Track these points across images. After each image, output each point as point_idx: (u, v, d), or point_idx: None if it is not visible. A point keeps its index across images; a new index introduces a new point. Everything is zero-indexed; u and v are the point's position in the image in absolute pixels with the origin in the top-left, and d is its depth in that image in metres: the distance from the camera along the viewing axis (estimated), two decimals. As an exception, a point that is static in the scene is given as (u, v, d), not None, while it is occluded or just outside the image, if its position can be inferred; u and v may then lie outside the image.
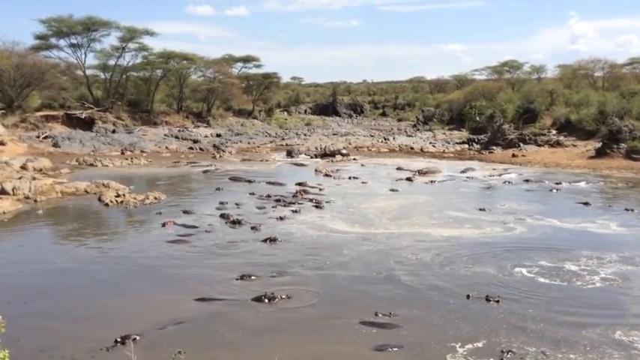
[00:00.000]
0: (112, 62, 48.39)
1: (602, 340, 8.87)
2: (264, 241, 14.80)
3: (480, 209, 18.94)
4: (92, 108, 44.29)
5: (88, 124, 41.96)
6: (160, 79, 50.22)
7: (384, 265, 12.79)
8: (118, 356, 7.92)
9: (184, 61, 51.62)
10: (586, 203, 20.09)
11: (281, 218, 17.54)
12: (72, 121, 41.84)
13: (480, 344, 8.72)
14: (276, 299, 10.52)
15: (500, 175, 27.57)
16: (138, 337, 8.78)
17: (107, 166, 30.25)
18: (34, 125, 39.37)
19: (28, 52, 44.43)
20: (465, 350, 8.51)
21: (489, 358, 8.26)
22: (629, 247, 14.38)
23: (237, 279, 11.82)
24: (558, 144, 36.98)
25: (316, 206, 19.53)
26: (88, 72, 48.60)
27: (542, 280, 11.81)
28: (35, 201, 20.01)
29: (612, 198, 21.82)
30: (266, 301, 10.46)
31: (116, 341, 8.62)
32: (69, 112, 42.80)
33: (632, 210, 19.07)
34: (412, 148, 40.91)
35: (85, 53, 47.14)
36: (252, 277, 11.90)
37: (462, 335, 9.02)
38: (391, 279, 11.86)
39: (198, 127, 48.75)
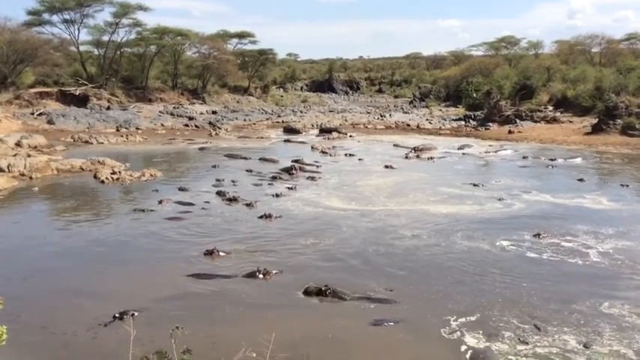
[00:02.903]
0: (105, 38, 48.03)
1: (594, 313, 9.00)
2: (261, 217, 14.84)
3: (476, 186, 19.00)
4: (86, 84, 43.96)
5: (82, 101, 41.69)
6: (154, 56, 49.76)
7: (382, 241, 12.86)
8: (118, 332, 7.99)
9: (178, 37, 51.10)
10: (582, 179, 20.18)
11: (277, 195, 17.57)
12: (66, 98, 41.56)
13: (473, 318, 8.83)
14: (270, 274, 10.60)
15: (496, 151, 27.60)
16: (136, 313, 8.85)
17: (102, 143, 30.12)
18: (28, 102, 39.08)
19: (20, 28, 43.93)
20: (458, 324, 8.62)
21: (482, 331, 8.39)
22: (624, 222, 14.50)
23: (233, 255, 11.89)
24: (554, 120, 36.97)
25: (313, 183, 19.56)
26: (82, 48, 48.20)
27: (536, 255, 11.92)
28: (31, 178, 19.97)
29: (608, 174, 21.91)
30: (260, 276, 10.54)
31: (114, 317, 8.69)
32: (63, 88, 42.48)
33: (628, 186, 19.18)
34: (408, 125, 40.83)
35: (78, 29, 46.77)
36: (248, 253, 11.96)
37: (457, 309, 9.13)
38: (389, 255, 11.94)
39: (194, 104, 48.49)
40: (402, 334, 8.37)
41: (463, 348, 7.94)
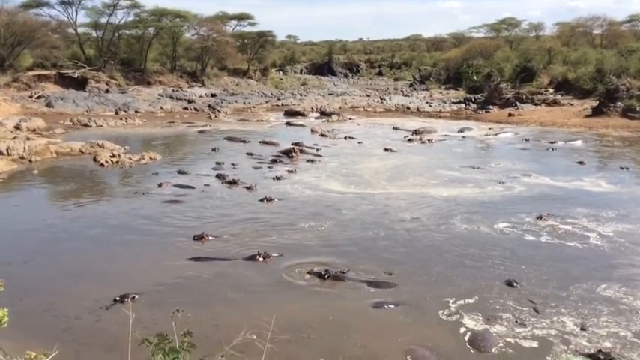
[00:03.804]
0: (103, 20, 47.65)
1: (592, 295, 9.06)
2: (262, 200, 14.87)
3: (476, 169, 19.01)
4: (85, 67, 43.72)
5: (80, 84, 41.49)
6: (152, 38, 49.39)
7: (382, 224, 12.90)
8: (120, 314, 8.05)
9: (177, 19, 50.70)
10: (582, 162, 20.18)
11: (277, 178, 17.58)
12: (65, 81, 41.35)
13: (472, 300, 8.90)
14: (270, 257, 10.65)
15: (496, 134, 27.57)
16: (137, 296, 8.91)
17: (101, 126, 30.05)
18: (27, 85, 38.89)
19: (18, 10, 43.60)
20: (457, 306, 8.69)
21: (481, 313, 8.45)
22: (624, 205, 14.54)
23: (233, 238, 11.93)
24: (555, 103, 36.87)
25: (312, 166, 19.56)
26: (80, 30, 47.81)
27: (535, 238, 11.97)
28: (30, 161, 19.95)
29: (608, 157, 21.91)
30: (260, 259, 10.59)
31: (115, 300, 8.75)
32: (61, 71, 42.24)
33: (628, 169, 19.19)
34: (408, 108, 40.73)
35: (76, 11, 46.36)
36: (248, 237, 12.01)
37: (456, 292, 9.19)
38: (389, 238, 11.99)
39: (193, 86, 48.28)
40: (402, 316, 8.44)
41: (462, 330, 8.01)
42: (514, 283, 9.40)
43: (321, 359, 7.21)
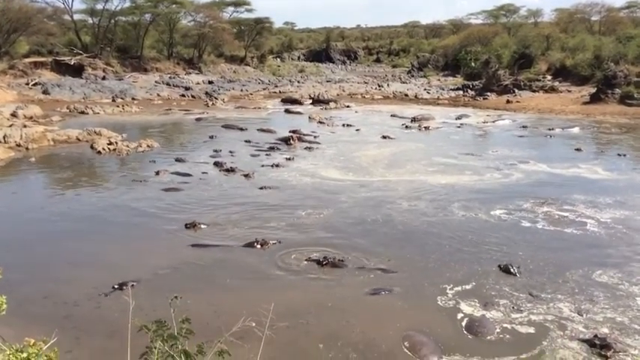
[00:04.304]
0: (99, 6, 47.18)
1: (588, 281, 9.12)
2: (260, 188, 14.87)
3: (474, 156, 19.02)
4: (81, 54, 43.42)
5: (77, 71, 41.26)
6: (149, 24, 49.04)
7: (380, 211, 12.92)
8: (119, 301, 8.08)
9: (173, 5, 50.27)
10: (579, 149, 20.20)
11: (275, 166, 17.57)
12: (61, 68, 41.11)
13: (469, 286, 8.95)
14: (268, 244, 10.67)
15: (494, 121, 27.56)
16: (136, 283, 8.93)
17: (98, 113, 29.94)
18: (23, 72, 38.66)
19: (13, -4, 43.09)
20: (455, 292, 8.74)
21: (478, 299, 8.51)
22: (621, 191, 14.58)
23: (231, 225, 11.94)
24: (553, 89, 36.83)
25: (310, 154, 19.54)
26: (76, 17, 47.43)
27: (532, 224, 12.01)
28: (27, 149, 19.89)
29: (605, 144, 21.93)
30: (258, 246, 10.61)
31: (114, 287, 8.77)
32: (58, 58, 41.98)
33: (625, 155, 19.22)
34: (406, 95, 40.64)
35: (72, -3, 45.87)
36: (245, 224, 12.03)
37: (453, 278, 9.24)
38: (387, 225, 12.02)
39: (190, 73, 48.06)
40: (400, 303, 8.49)
41: (459, 316, 8.07)
42: (511, 269, 9.44)
43: (320, 345, 7.26)
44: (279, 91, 42.39)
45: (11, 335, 3.93)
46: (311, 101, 35.89)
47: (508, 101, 34.12)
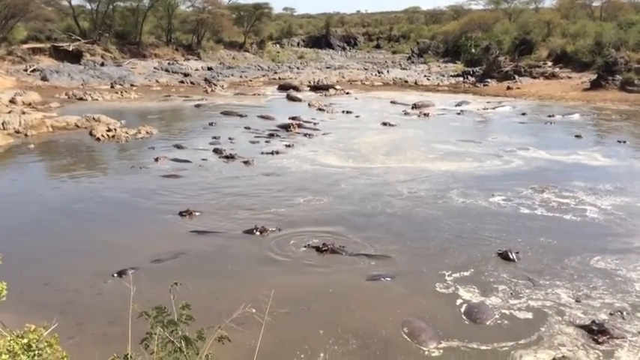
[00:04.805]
0: (97, -8, 46.74)
1: (587, 268, 9.15)
2: (260, 175, 14.87)
3: (474, 142, 18.99)
4: (79, 40, 43.15)
5: (75, 57, 40.99)
6: (147, 10, 48.67)
7: (380, 198, 12.93)
8: (121, 288, 8.10)
9: (172, -9, 49.94)
10: (579, 136, 20.17)
11: (275, 152, 17.55)
12: (59, 54, 40.83)
13: (468, 273, 8.98)
14: (267, 232, 10.69)
15: (494, 108, 27.48)
16: (135, 270, 8.95)
17: (97, 100, 29.85)
18: (21, 58, 38.43)
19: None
20: (454, 278, 8.77)
21: (477, 285, 8.54)
22: (621, 178, 14.58)
23: (231, 212, 11.95)
24: (553, 76, 36.69)
25: (310, 140, 19.51)
26: (74, 2, 47.03)
27: (532, 211, 12.02)
28: (26, 135, 19.86)
29: (606, 130, 21.89)
30: (257, 233, 10.63)
31: (113, 275, 8.79)
32: (56, 44, 41.69)
33: (625, 142, 19.20)
34: (406, 82, 40.49)
35: (69, -18, 45.46)
36: (246, 211, 12.04)
37: (452, 264, 9.27)
38: (387, 212, 12.03)
39: (189, 60, 47.81)
40: (400, 289, 8.53)
41: (458, 302, 8.10)
42: (510, 256, 9.47)
43: (320, 331, 7.30)
44: (279, 78, 42.22)
45: (12, 321, 3.95)
46: (309, 88, 35.74)
47: (508, 88, 34.01)
